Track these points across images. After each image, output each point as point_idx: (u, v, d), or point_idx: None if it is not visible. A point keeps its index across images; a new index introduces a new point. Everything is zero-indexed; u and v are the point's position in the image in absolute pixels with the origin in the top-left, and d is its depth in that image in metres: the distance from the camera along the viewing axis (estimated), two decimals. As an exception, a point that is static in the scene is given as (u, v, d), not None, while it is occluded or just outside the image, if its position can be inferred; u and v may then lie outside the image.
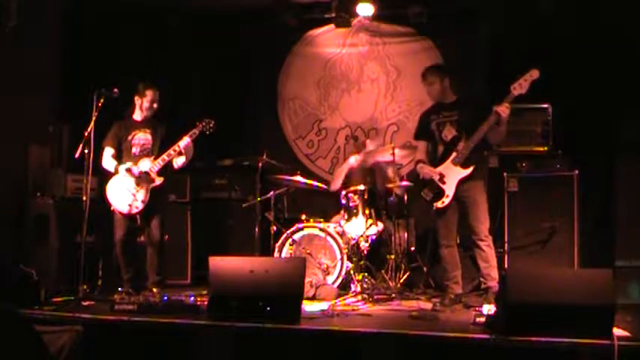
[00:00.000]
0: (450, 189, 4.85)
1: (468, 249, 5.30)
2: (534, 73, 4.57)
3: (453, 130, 4.88)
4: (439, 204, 4.89)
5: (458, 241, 5.11)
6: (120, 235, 5.30)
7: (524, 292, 3.59)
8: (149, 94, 5.33)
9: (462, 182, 4.83)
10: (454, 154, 4.83)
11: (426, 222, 6.39)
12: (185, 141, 5.21)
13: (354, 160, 6.29)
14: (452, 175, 4.85)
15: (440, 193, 4.88)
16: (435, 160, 4.99)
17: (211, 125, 5.32)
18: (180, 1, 6.82)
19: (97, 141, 5.06)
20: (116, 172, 5.26)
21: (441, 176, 4.88)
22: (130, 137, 5.34)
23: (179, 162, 5.35)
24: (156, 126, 5.40)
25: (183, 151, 5.23)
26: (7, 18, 5.78)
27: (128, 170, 5.19)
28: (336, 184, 6.20)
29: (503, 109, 4.60)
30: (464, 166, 4.80)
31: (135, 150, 5.33)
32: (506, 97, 4.62)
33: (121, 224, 5.30)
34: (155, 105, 5.37)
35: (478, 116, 4.76)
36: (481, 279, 4.94)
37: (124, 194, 5.23)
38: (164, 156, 5.22)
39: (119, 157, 5.36)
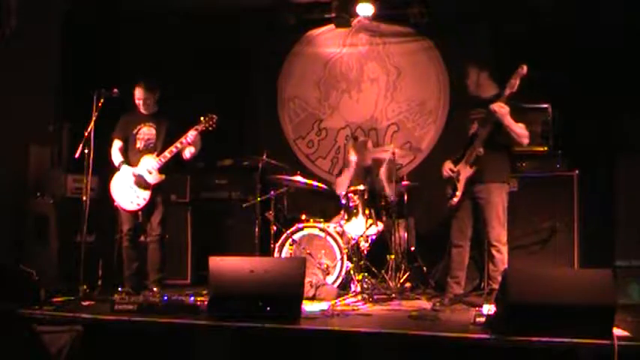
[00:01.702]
0: (460, 187, 4.83)
1: (470, 249, 5.29)
2: (521, 70, 4.55)
3: (475, 128, 4.86)
4: (451, 202, 4.89)
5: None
6: (126, 230, 5.34)
7: (524, 292, 3.59)
8: (136, 92, 5.36)
9: (473, 183, 4.79)
10: (468, 153, 4.82)
11: (426, 222, 6.41)
12: (192, 134, 5.22)
13: (355, 158, 6.24)
14: (463, 173, 4.84)
15: (455, 191, 4.88)
16: (459, 156, 4.97)
17: (214, 121, 5.31)
18: (180, 0, 6.82)
19: (97, 141, 5.07)
20: (118, 168, 5.27)
21: (457, 174, 4.88)
22: (135, 131, 5.37)
23: (188, 153, 5.34)
24: (161, 120, 5.41)
25: (191, 142, 5.23)
26: (7, 18, 5.78)
27: (134, 174, 5.21)
28: (343, 188, 5.99)
29: (496, 108, 4.60)
30: (471, 165, 4.79)
31: (139, 144, 5.35)
32: (500, 97, 4.65)
33: (127, 219, 5.34)
34: (149, 102, 5.37)
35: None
36: (489, 280, 4.92)
37: (127, 191, 5.25)
38: (166, 153, 5.23)
39: (125, 150, 5.39)
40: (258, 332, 3.85)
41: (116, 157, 5.35)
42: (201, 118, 5.29)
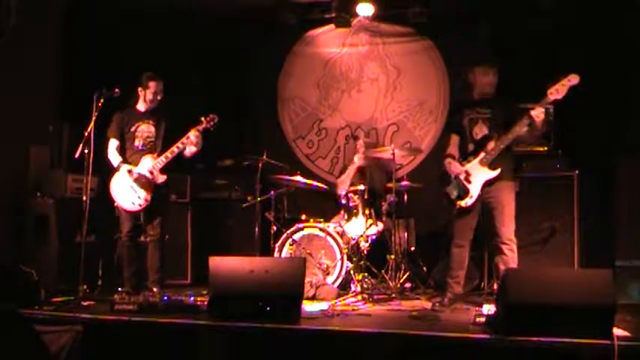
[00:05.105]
0: (475, 189, 4.68)
1: (470, 249, 5.29)
2: (573, 79, 4.39)
3: (485, 129, 4.73)
4: (462, 203, 4.72)
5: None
6: (126, 230, 5.31)
7: (524, 292, 3.60)
8: (152, 85, 5.30)
9: (488, 183, 4.68)
10: (482, 154, 4.67)
11: (426, 222, 6.40)
12: (193, 134, 5.17)
13: (357, 159, 6.29)
14: (478, 175, 4.69)
15: (464, 192, 4.72)
16: (463, 157, 4.83)
17: (215, 121, 5.27)
18: (180, 0, 6.81)
19: (97, 141, 5.05)
20: (118, 169, 5.25)
21: (467, 175, 4.71)
22: (133, 128, 5.31)
23: (188, 152, 5.29)
24: (159, 118, 5.37)
25: (193, 142, 5.20)
26: (7, 18, 5.78)
27: (129, 172, 5.19)
28: (344, 187, 6.04)
29: (538, 114, 4.46)
30: (491, 167, 4.65)
31: (138, 143, 5.30)
32: (541, 101, 4.49)
33: (127, 219, 5.31)
34: (159, 97, 5.35)
35: (509, 117, 4.63)
36: (498, 280, 4.87)
37: (128, 192, 5.22)
38: (167, 153, 5.20)
39: (122, 149, 5.34)
40: (258, 332, 3.85)
41: (114, 157, 5.29)
42: (202, 118, 5.27)
